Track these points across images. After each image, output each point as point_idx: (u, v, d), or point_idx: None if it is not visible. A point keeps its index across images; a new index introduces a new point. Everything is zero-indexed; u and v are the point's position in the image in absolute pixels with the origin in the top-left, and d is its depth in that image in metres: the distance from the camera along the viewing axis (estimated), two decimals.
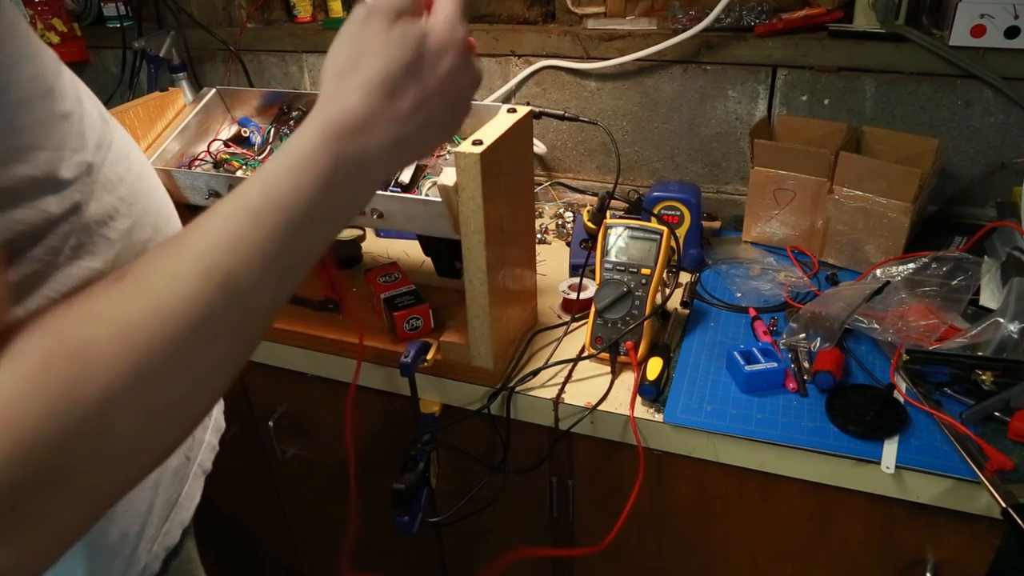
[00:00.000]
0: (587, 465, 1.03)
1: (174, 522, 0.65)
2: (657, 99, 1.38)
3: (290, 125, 1.13)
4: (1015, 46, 1.11)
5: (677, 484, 0.98)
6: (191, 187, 1.08)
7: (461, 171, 0.82)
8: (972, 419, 0.84)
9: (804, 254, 1.23)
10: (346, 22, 0.51)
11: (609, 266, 1.00)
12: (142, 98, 1.12)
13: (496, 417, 0.99)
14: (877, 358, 0.97)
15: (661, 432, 0.91)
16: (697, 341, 1.04)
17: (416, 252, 1.30)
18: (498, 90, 1.48)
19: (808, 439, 0.85)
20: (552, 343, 1.06)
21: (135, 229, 0.53)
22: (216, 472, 0.78)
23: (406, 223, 0.98)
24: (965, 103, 1.19)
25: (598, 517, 1.06)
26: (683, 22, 1.28)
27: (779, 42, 1.24)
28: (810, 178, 1.17)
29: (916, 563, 0.89)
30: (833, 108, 1.27)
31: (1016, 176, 1.20)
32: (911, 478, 0.81)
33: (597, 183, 1.50)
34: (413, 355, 0.94)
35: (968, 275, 1.00)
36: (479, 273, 0.88)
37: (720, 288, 1.16)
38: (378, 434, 1.17)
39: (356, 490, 0.94)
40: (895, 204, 1.09)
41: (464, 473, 1.10)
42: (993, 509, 0.77)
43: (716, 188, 1.42)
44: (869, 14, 1.19)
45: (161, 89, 1.15)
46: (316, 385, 1.14)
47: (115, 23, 1.72)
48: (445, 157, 1.03)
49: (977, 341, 0.90)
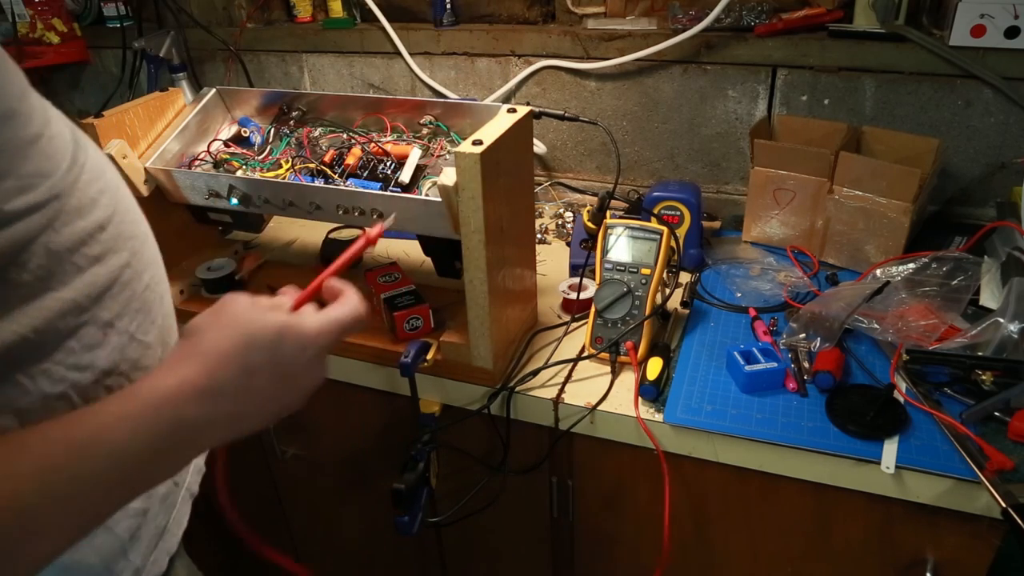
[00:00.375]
0: (587, 465, 1.03)
1: (161, 551, 0.63)
2: (657, 99, 1.38)
3: (290, 125, 1.13)
4: (1015, 46, 1.11)
5: (677, 484, 0.98)
6: (191, 187, 1.08)
7: (461, 171, 0.82)
8: (972, 419, 0.84)
9: (804, 254, 1.23)
10: (227, 296, 0.55)
11: (609, 266, 1.00)
12: (142, 98, 1.11)
13: (496, 417, 0.99)
14: (877, 358, 0.97)
15: (661, 432, 0.91)
16: (697, 341, 1.03)
17: (416, 252, 1.30)
18: (498, 90, 1.48)
19: (808, 439, 0.85)
20: (552, 343, 1.06)
21: (110, 254, 0.52)
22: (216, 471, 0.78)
23: (406, 223, 0.98)
24: (965, 103, 1.19)
25: (598, 517, 1.06)
26: (683, 22, 1.28)
27: (779, 42, 1.24)
28: (810, 178, 1.17)
29: (916, 563, 0.89)
30: (833, 108, 1.27)
31: (1016, 176, 1.20)
32: (911, 478, 0.81)
33: (597, 183, 1.50)
34: (413, 355, 0.94)
35: (968, 275, 1.00)
36: (479, 273, 0.88)
37: (720, 288, 1.16)
38: (378, 434, 1.17)
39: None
40: (895, 204, 1.09)
41: (464, 473, 1.10)
42: (993, 509, 0.77)
43: (716, 188, 1.42)
44: (869, 14, 1.19)
45: (161, 89, 1.15)
46: None
47: (115, 23, 1.72)
48: (445, 157, 1.03)
49: (977, 341, 0.90)
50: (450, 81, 1.52)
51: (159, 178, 1.09)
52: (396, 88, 1.58)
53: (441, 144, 1.05)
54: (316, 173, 1.04)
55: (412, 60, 1.51)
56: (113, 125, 1.04)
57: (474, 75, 1.50)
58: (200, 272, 1.17)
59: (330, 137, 1.10)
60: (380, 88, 1.59)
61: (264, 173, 1.05)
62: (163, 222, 1.17)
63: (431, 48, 1.50)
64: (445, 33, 1.47)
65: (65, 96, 1.91)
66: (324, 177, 1.04)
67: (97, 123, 1.02)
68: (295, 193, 1.01)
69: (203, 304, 1.16)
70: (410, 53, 1.51)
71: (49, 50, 1.73)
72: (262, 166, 1.07)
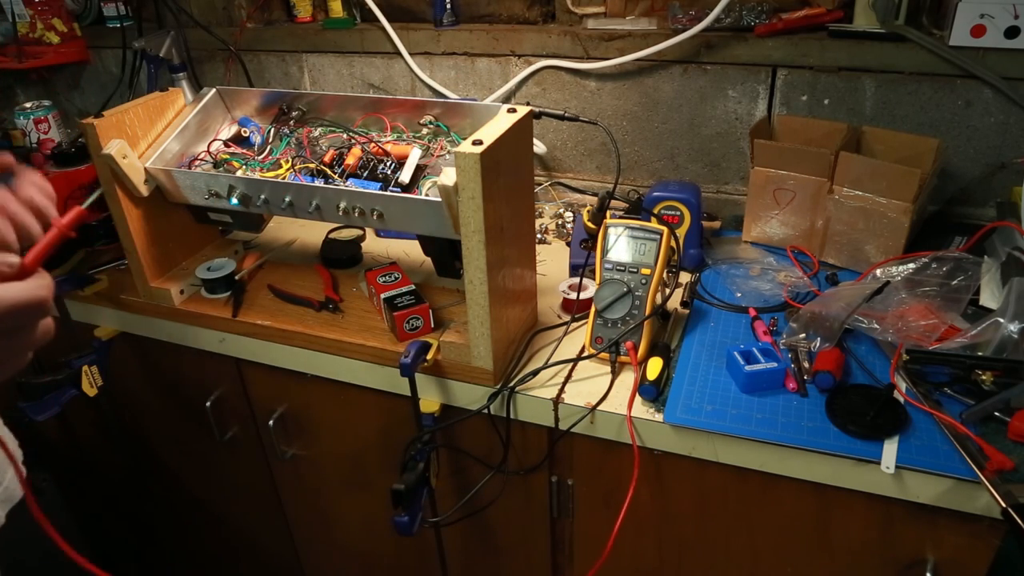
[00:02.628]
0: (587, 465, 1.03)
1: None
2: (657, 99, 1.38)
3: (290, 125, 1.13)
4: (1015, 46, 1.11)
5: (677, 484, 0.98)
6: (191, 187, 1.08)
7: (461, 171, 0.82)
8: (972, 419, 0.84)
9: (804, 254, 1.23)
10: None
11: (609, 266, 1.00)
12: (142, 98, 1.12)
13: (496, 417, 0.99)
14: (877, 358, 0.97)
15: (661, 432, 0.91)
16: (697, 341, 1.03)
17: (416, 252, 1.30)
18: (498, 90, 1.48)
19: (808, 439, 0.85)
20: (552, 343, 1.06)
21: None
22: (216, 472, 0.78)
23: (406, 223, 0.98)
24: (965, 103, 1.19)
25: (598, 517, 1.06)
26: (683, 22, 1.28)
27: (779, 42, 1.24)
28: (810, 178, 1.17)
29: (916, 563, 0.89)
30: (833, 108, 1.27)
31: (1016, 176, 1.20)
32: (911, 478, 0.81)
33: (597, 183, 1.50)
34: (413, 355, 0.94)
35: (968, 275, 1.00)
36: (479, 273, 0.88)
37: (720, 288, 1.16)
38: (378, 434, 1.17)
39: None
40: (895, 204, 1.09)
41: (464, 473, 1.10)
42: (993, 509, 0.77)
43: (716, 188, 1.42)
44: (869, 14, 1.19)
45: (161, 89, 1.15)
46: (316, 385, 1.14)
47: (115, 23, 1.72)
48: (445, 157, 1.03)
49: (977, 341, 0.90)
50: (450, 81, 1.52)
51: (159, 178, 1.09)
52: (396, 88, 1.58)
53: (441, 144, 1.05)
54: (316, 173, 1.04)
55: (412, 60, 1.52)
56: (113, 125, 1.05)
57: (474, 75, 1.50)
58: (200, 272, 1.17)
59: (330, 137, 1.10)
60: (380, 88, 1.59)
61: (264, 173, 1.05)
62: (163, 222, 1.17)
63: (431, 48, 1.50)
64: (445, 33, 1.47)
65: (65, 96, 1.91)
66: (324, 177, 1.04)
67: (97, 123, 1.02)
68: (295, 193, 1.01)
69: (203, 304, 1.17)
70: (410, 53, 1.51)
71: (49, 50, 1.73)
72: (262, 166, 1.07)
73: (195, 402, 1.30)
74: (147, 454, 1.50)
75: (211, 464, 1.42)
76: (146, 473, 1.53)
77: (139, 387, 1.37)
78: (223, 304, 1.16)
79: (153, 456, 1.50)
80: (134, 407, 1.41)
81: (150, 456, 1.50)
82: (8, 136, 1.76)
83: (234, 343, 1.15)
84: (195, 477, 1.50)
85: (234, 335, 1.14)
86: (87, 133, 1.03)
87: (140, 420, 1.44)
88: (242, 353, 1.17)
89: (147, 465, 1.52)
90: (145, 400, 1.39)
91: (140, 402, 1.40)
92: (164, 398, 1.38)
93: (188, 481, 1.51)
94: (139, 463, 1.52)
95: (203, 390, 1.29)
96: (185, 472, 1.50)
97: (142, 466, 1.52)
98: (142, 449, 1.49)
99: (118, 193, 1.07)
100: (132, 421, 1.45)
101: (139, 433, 1.47)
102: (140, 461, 1.51)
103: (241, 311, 1.14)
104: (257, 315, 1.13)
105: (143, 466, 1.52)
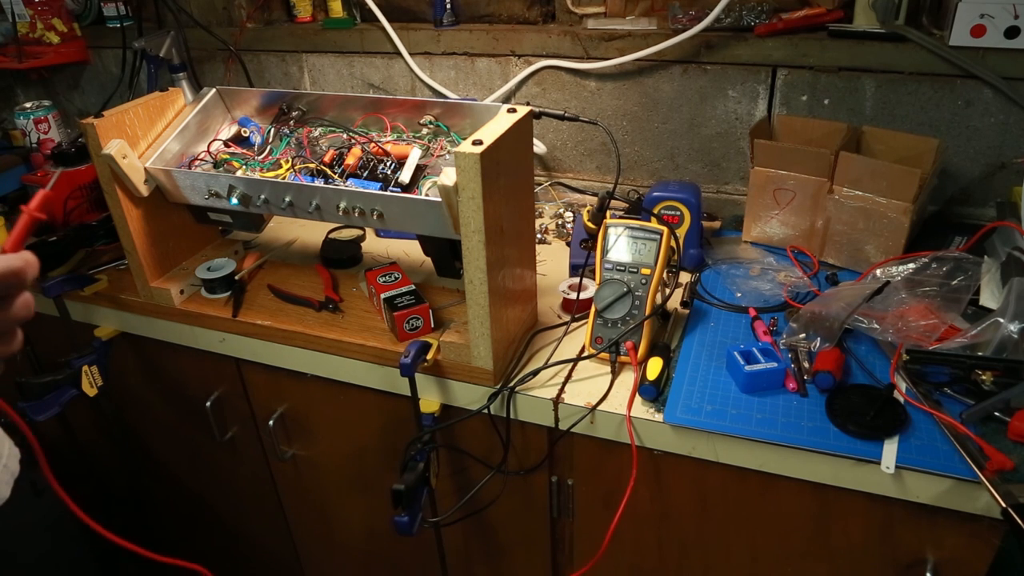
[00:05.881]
0: (587, 465, 1.03)
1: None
2: (657, 99, 1.38)
3: (290, 125, 1.13)
4: (1015, 46, 1.11)
5: (677, 484, 0.98)
6: (191, 187, 1.08)
7: (461, 171, 0.82)
8: (972, 419, 0.84)
9: (804, 254, 1.23)
10: None
11: (609, 266, 1.00)
12: (142, 98, 1.12)
13: (496, 417, 0.99)
14: (877, 358, 0.97)
15: (661, 432, 0.91)
16: (697, 341, 1.03)
17: (416, 252, 1.31)
18: (498, 90, 1.48)
19: (808, 439, 0.85)
20: (552, 343, 1.06)
21: None
22: (216, 472, 0.78)
23: (406, 223, 0.98)
24: (965, 103, 1.19)
25: (598, 517, 1.06)
26: (683, 22, 1.28)
27: (779, 42, 1.24)
28: (810, 178, 1.17)
29: (916, 563, 0.89)
30: (833, 108, 1.27)
31: (1016, 176, 1.20)
32: (911, 478, 0.81)
33: (597, 183, 1.50)
34: (413, 355, 0.94)
35: (968, 275, 1.00)
36: (479, 273, 0.88)
37: (720, 288, 1.16)
38: (378, 434, 1.17)
39: None
40: (895, 204, 1.09)
41: (464, 473, 1.10)
42: (993, 509, 0.77)
43: (716, 188, 1.42)
44: (869, 14, 1.19)
45: (161, 89, 1.15)
46: (316, 385, 1.14)
47: (115, 23, 1.72)
48: (445, 157, 1.03)
49: (977, 341, 0.90)
50: (450, 81, 1.52)
51: (159, 178, 1.09)
52: (396, 88, 1.58)
53: (441, 144, 1.05)
54: (316, 173, 1.04)
55: (412, 60, 1.52)
56: (113, 125, 1.05)
57: (474, 75, 1.50)
58: (200, 272, 1.17)
59: (330, 137, 1.10)
60: (380, 88, 1.60)
61: (264, 173, 1.05)
62: (163, 222, 1.17)
63: (431, 48, 1.50)
64: (445, 33, 1.47)
65: (65, 96, 1.91)
66: (324, 177, 1.04)
67: (97, 123, 1.02)
68: (295, 193, 1.01)
69: (203, 304, 1.17)
70: (410, 53, 1.51)
71: (49, 50, 1.73)
72: (262, 166, 1.07)
73: (195, 402, 1.30)
74: (147, 454, 1.50)
75: (211, 464, 1.42)
76: (146, 473, 1.53)
77: (139, 387, 1.37)
78: (223, 304, 1.16)
79: (153, 456, 1.50)
80: (134, 407, 1.41)
81: (150, 456, 1.50)
82: (8, 136, 1.76)
83: (234, 343, 1.15)
84: (195, 477, 1.50)
85: (234, 335, 1.14)
86: (87, 133, 1.03)
87: (140, 420, 1.44)
88: (242, 353, 1.17)
89: (147, 465, 1.52)
90: (145, 400, 1.39)
91: (140, 402, 1.40)
92: (164, 398, 1.38)
93: (188, 481, 1.51)
94: (139, 463, 1.52)
95: (203, 390, 1.29)
96: (185, 472, 1.50)
97: (142, 466, 1.52)
98: (142, 449, 1.49)
99: (118, 193, 1.07)
100: (132, 421, 1.45)
101: (139, 433, 1.47)
102: (140, 461, 1.51)
103: (241, 311, 1.14)
104: (257, 315, 1.13)
105: (143, 466, 1.52)
